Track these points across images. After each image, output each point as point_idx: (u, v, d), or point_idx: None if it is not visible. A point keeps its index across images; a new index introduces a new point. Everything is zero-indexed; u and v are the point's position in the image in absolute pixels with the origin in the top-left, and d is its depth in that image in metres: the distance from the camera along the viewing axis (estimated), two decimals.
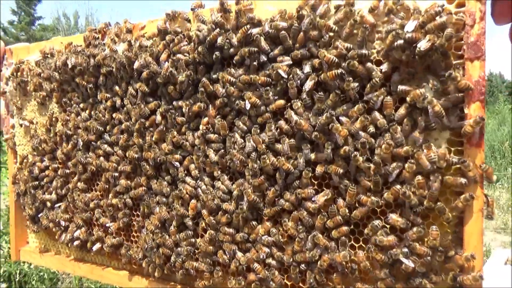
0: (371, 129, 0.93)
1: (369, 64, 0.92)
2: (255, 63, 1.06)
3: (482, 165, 0.84)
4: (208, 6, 1.17)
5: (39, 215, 1.52)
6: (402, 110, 0.91)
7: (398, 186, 0.90)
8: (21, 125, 1.58)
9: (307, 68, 1.00)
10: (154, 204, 1.25)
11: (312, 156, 1.01)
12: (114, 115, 1.30)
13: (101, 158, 1.35)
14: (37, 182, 1.52)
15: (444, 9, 0.84)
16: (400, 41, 0.86)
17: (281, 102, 1.04)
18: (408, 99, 0.88)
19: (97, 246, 1.40)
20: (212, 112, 1.13)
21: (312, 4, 0.98)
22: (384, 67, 0.91)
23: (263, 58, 1.05)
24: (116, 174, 1.31)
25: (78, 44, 1.37)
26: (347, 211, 0.96)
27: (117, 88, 1.29)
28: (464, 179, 0.85)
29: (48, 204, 1.49)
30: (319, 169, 1.00)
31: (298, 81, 1.02)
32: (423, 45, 0.83)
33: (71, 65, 1.35)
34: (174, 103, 1.19)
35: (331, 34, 0.96)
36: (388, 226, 0.94)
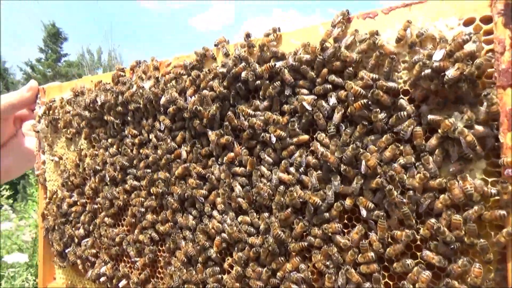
0: (401, 160, 0.91)
1: (401, 101, 0.91)
2: (279, 97, 1.06)
3: None
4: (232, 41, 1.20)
5: (66, 251, 1.53)
6: (433, 141, 0.88)
7: (433, 220, 0.86)
8: (52, 161, 1.62)
9: (332, 100, 1.00)
10: (180, 239, 1.24)
11: (341, 188, 0.98)
12: (141, 150, 1.32)
13: (128, 193, 1.36)
14: (65, 218, 1.54)
15: (472, 37, 0.83)
16: (428, 71, 0.85)
17: (305, 137, 1.03)
18: (439, 130, 0.86)
19: (123, 282, 1.38)
20: (238, 149, 1.13)
21: (335, 37, 0.99)
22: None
23: (288, 91, 1.05)
24: (143, 209, 1.32)
25: (107, 82, 1.42)
26: (380, 246, 0.92)
27: (144, 123, 1.32)
28: (503, 211, 0.81)
29: (76, 239, 1.50)
30: (348, 202, 0.97)
31: (325, 113, 1.01)
32: (451, 73, 0.81)
33: (100, 102, 1.39)
34: (201, 137, 1.21)
35: (354, 65, 0.96)
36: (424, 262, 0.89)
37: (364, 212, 0.95)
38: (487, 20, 0.85)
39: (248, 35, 1.14)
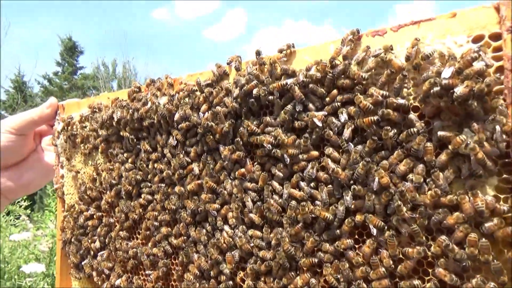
0: (411, 176, 0.91)
1: (411, 116, 0.91)
2: (289, 116, 1.08)
3: None
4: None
5: (82, 263, 1.56)
6: (443, 157, 0.88)
7: (443, 237, 0.86)
8: (70, 175, 1.67)
9: (343, 116, 1.01)
10: (192, 252, 1.25)
11: (353, 204, 0.99)
12: (155, 165, 1.35)
13: (143, 207, 1.39)
14: (82, 230, 1.58)
15: (481, 55, 0.84)
16: (437, 88, 0.85)
17: (316, 153, 1.05)
18: (450, 146, 0.86)
19: None
20: (250, 166, 1.15)
21: (344, 55, 1.00)
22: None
23: (299, 107, 1.06)
24: (157, 223, 1.34)
25: (123, 99, 1.46)
26: (391, 262, 0.92)
27: (158, 138, 1.35)
28: None
29: (92, 252, 1.53)
30: (358, 218, 0.97)
31: (335, 129, 1.02)
32: (460, 90, 0.82)
33: (116, 118, 1.43)
34: (213, 152, 1.23)
35: (364, 82, 0.97)
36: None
37: (374, 231, 0.95)
38: (496, 37, 0.85)
39: (258, 53, 1.17)
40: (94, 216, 1.55)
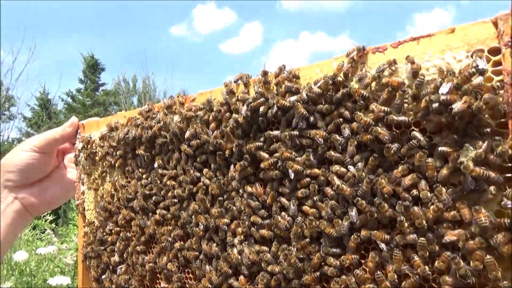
0: (415, 192, 0.91)
1: (415, 133, 0.92)
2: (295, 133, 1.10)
3: None
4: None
5: (102, 277, 1.62)
6: (444, 171, 0.88)
7: (448, 253, 0.85)
8: (90, 191, 1.74)
9: (347, 132, 1.02)
10: (204, 266, 1.29)
11: (358, 220, 1.00)
12: (168, 182, 1.39)
13: (158, 222, 1.44)
14: (102, 246, 1.64)
15: (479, 71, 0.84)
16: (436, 104, 0.86)
17: (317, 171, 1.06)
18: (449, 162, 0.86)
19: None
20: (260, 190, 1.17)
21: (345, 72, 1.02)
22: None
23: (302, 124, 1.09)
24: (170, 238, 1.38)
25: (137, 117, 1.52)
26: (395, 276, 0.92)
27: (170, 155, 1.40)
28: None
29: (111, 266, 1.58)
30: (363, 233, 0.98)
31: (340, 147, 1.04)
32: (458, 106, 0.82)
33: (131, 136, 1.49)
34: (223, 169, 1.27)
35: (361, 102, 0.99)
36: None
37: (383, 246, 0.95)
38: (496, 51, 0.85)
39: (265, 73, 1.20)
40: (113, 231, 1.60)
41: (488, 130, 0.83)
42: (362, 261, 1.01)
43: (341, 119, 1.02)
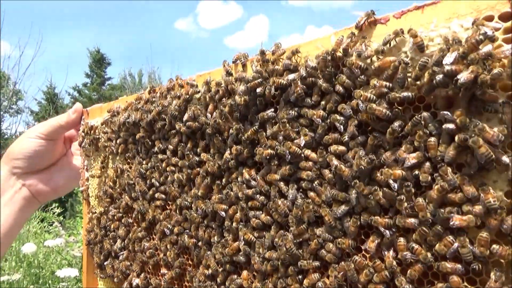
0: (416, 171, 0.85)
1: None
2: (292, 112, 1.04)
3: None
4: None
5: (105, 263, 1.61)
6: (451, 150, 0.81)
7: (451, 237, 0.79)
8: (94, 177, 1.73)
9: (347, 111, 0.96)
10: (203, 253, 1.25)
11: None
12: (167, 167, 1.36)
13: (158, 207, 1.41)
14: (104, 231, 1.63)
15: (488, 37, 0.76)
16: (439, 77, 0.79)
17: (314, 156, 1.01)
18: (456, 138, 0.79)
19: None
20: (261, 182, 1.12)
21: (344, 48, 0.96)
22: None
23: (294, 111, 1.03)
24: (170, 226, 1.35)
25: (137, 102, 1.49)
26: (394, 263, 0.86)
27: (170, 139, 1.36)
28: None
29: (113, 252, 1.57)
30: (364, 217, 0.92)
31: (341, 126, 0.98)
32: (464, 76, 0.75)
33: (132, 121, 1.47)
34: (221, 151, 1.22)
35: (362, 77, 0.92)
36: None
37: (387, 232, 0.89)
38: (507, 17, 0.78)
39: (262, 52, 1.14)
40: (115, 217, 1.59)
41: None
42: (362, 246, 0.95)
43: (338, 97, 0.96)
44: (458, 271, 0.79)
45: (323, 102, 1.01)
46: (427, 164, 0.84)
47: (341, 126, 0.97)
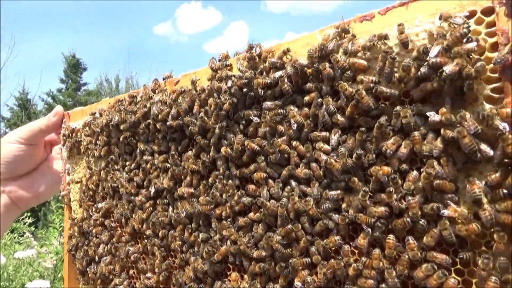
0: (404, 166, 0.85)
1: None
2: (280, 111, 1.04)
3: None
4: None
5: (87, 269, 1.56)
6: (439, 144, 0.82)
7: (436, 230, 0.79)
8: (75, 182, 1.69)
9: (330, 107, 0.96)
10: (189, 255, 1.23)
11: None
12: (151, 169, 1.34)
13: (141, 210, 1.38)
14: (86, 236, 1.58)
15: (472, 31, 0.78)
16: (424, 69, 0.80)
17: (302, 148, 1.00)
18: (442, 132, 0.80)
19: None
20: (253, 187, 1.10)
21: (331, 49, 0.96)
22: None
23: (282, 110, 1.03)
24: (154, 228, 1.33)
25: (121, 103, 1.47)
26: (381, 264, 0.86)
27: (154, 140, 1.34)
28: None
29: (96, 257, 1.53)
30: (351, 212, 0.92)
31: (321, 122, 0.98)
32: (449, 68, 0.76)
33: (114, 122, 1.44)
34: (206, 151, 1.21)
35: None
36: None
37: (368, 230, 0.89)
38: (489, 11, 0.79)
39: (250, 47, 1.14)
40: (98, 222, 1.55)
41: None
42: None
43: (320, 100, 0.97)
44: (445, 260, 0.79)
45: (307, 98, 1.00)
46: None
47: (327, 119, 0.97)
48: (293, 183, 1.02)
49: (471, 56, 0.78)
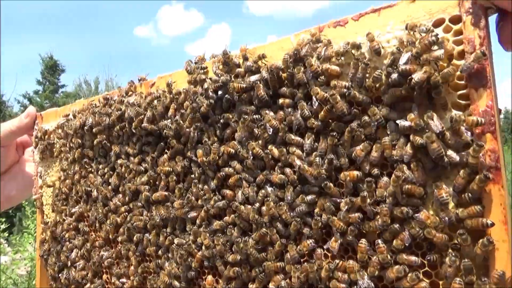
0: (376, 171, 0.87)
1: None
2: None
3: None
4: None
5: (59, 275, 1.53)
6: (409, 149, 0.83)
7: (406, 233, 0.81)
8: (48, 185, 1.64)
9: (305, 112, 0.97)
10: (163, 260, 1.21)
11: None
12: (126, 173, 1.32)
13: (115, 214, 1.36)
14: (59, 241, 1.54)
15: (439, 39, 0.79)
16: (395, 76, 0.81)
17: (275, 152, 1.00)
18: (411, 138, 0.81)
19: None
20: (230, 193, 1.10)
21: (305, 54, 0.96)
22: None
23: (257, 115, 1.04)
24: (131, 232, 1.31)
25: (96, 105, 1.44)
26: (356, 265, 0.87)
27: (128, 143, 1.32)
28: (490, 221, 0.75)
29: (69, 263, 1.49)
30: (324, 216, 0.92)
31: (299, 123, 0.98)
32: (418, 76, 0.78)
33: (88, 125, 1.41)
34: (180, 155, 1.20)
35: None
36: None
37: (337, 235, 0.90)
38: (457, 20, 0.81)
39: (225, 53, 1.13)
40: (71, 226, 1.51)
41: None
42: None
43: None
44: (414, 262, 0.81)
45: (281, 101, 1.01)
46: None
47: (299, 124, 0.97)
48: (269, 189, 1.02)
49: (438, 64, 0.80)
